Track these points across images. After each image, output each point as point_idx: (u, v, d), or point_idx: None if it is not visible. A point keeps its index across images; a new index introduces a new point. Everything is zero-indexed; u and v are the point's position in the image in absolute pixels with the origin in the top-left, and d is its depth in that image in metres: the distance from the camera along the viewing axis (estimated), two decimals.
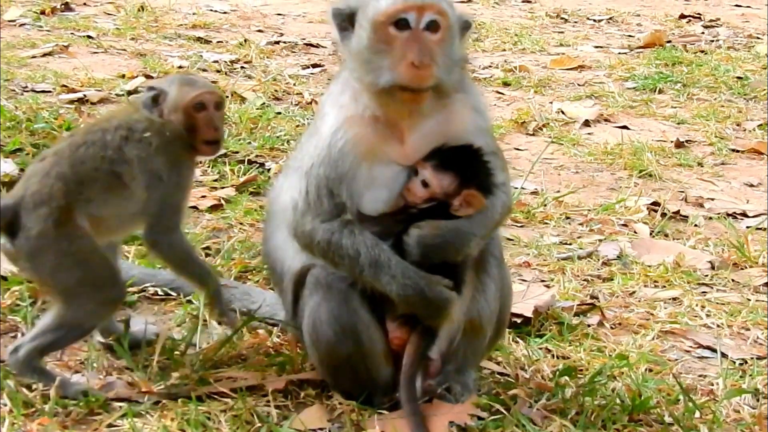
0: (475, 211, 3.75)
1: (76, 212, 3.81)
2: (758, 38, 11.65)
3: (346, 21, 3.77)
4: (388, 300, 3.69)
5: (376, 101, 3.72)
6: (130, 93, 7.36)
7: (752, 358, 4.50)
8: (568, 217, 5.98)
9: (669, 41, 11.07)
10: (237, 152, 6.37)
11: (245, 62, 8.86)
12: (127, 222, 3.94)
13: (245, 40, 9.64)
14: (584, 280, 5.16)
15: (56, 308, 3.78)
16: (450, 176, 3.73)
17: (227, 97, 7.44)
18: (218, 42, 9.64)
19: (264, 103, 7.50)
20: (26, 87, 7.39)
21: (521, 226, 5.76)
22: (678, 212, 6.15)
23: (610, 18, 12.43)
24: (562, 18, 12.33)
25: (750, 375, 4.32)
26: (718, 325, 4.77)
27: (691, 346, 4.60)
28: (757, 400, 4.12)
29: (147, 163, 3.87)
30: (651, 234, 5.83)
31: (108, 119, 4.02)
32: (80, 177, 3.84)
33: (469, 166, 3.75)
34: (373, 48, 3.69)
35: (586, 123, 7.86)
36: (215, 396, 3.72)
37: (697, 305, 4.94)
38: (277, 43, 9.80)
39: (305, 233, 3.76)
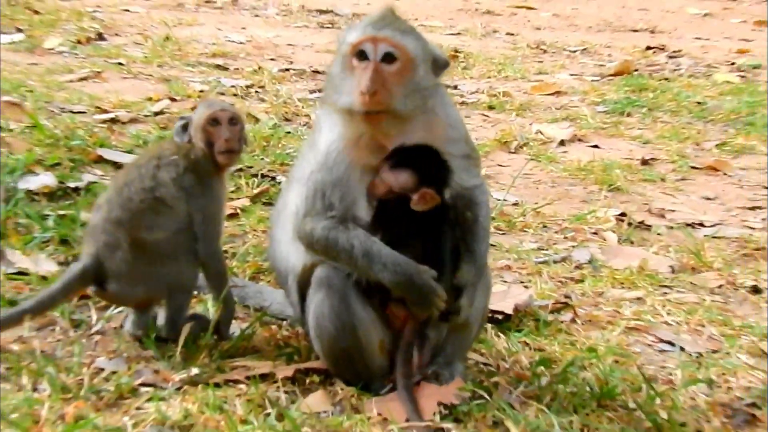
0: (431, 206, 3.75)
1: (144, 239, 3.90)
2: (716, 67, 11.67)
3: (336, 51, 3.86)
4: (388, 290, 3.72)
5: (344, 120, 3.76)
6: (156, 114, 7.39)
7: (707, 352, 4.51)
8: (545, 226, 5.99)
9: (636, 70, 11.10)
10: (251, 167, 6.38)
11: (259, 87, 8.88)
12: (180, 235, 3.97)
13: (259, 68, 9.66)
14: (559, 281, 5.18)
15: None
16: (405, 174, 3.72)
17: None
18: (235, 69, 9.66)
19: (275, 124, 7.52)
20: (64, 108, 7.39)
21: (503, 234, 5.77)
22: (643, 222, 6.17)
23: (584, 49, 12.46)
24: (541, 49, 12.36)
25: (705, 366, 4.33)
26: (677, 323, 4.78)
27: (653, 341, 4.61)
28: (711, 389, 4.12)
29: (180, 181, 3.96)
30: (618, 241, 5.85)
31: (141, 156, 4.12)
32: (133, 213, 3.92)
33: (423, 164, 3.75)
34: (340, 75, 3.76)
35: (562, 142, 7.88)
36: (231, 383, 3.74)
37: (658, 305, 4.95)
38: (288, 70, 9.82)
39: (306, 232, 3.79)
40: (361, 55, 3.70)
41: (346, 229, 3.72)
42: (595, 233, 5.94)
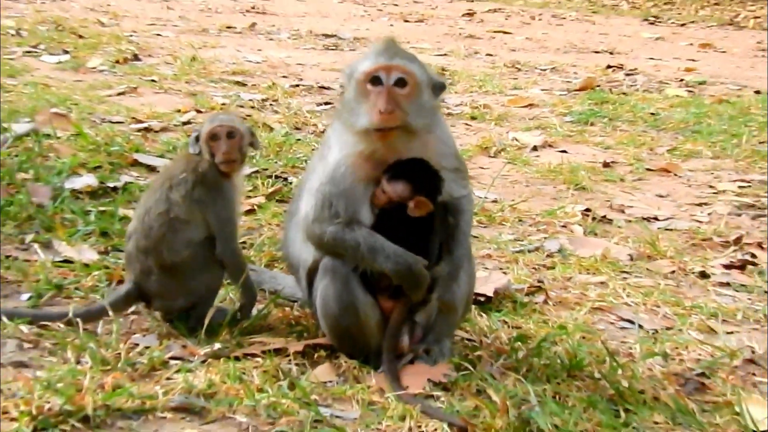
0: (425, 212, 3.75)
1: (172, 261, 3.88)
2: (667, 83, 11.67)
3: (346, 81, 3.84)
4: (380, 282, 3.74)
5: (359, 139, 3.75)
6: (184, 123, 7.36)
7: (662, 329, 4.49)
8: (520, 220, 5.96)
9: (598, 85, 11.07)
10: (266, 169, 6.35)
11: (273, 100, 8.84)
12: (203, 244, 3.94)
13: (273, 84, 9.62)
14: (533, 268, 5.14)
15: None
16: (401, 184, 3.72)
17: (258, 127, 7.45)
18: (252, 85, 9.62)
19: (287, 132, 7.49)
20: (104, 119, 7.36)
21: (484, 227, 5.75)
22: (605, 217, 6.14)
23: (553, 68, 12.43)
24: (516, 67, 12.33)
25: (660, 342, 4.31)
26: (635, 303, 4.75)
27: (614, 319, 4.59)
28: (666, 361, 4.11)
29: (191, 196, 3.89)
30: (584, 233, 5.81)
31: (157, 179, 4.06)
32: (156, 241, 3.88)
33: (417, 175, 3.74)
34: (355, 100, 3.74)
35: (535, 148, 7.84)
36: (249, 356, 3.72)
37: (619, 288, 4.92)
38: (298, 86, 9.78)
39: (315, 236, 3.79)
40: (375, 81, 3.70)
41: (351, 229, 3.72)
42: (564, 226, 5.90)
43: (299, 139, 7.33)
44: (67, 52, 10.27)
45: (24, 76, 8.80)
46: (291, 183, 6.13)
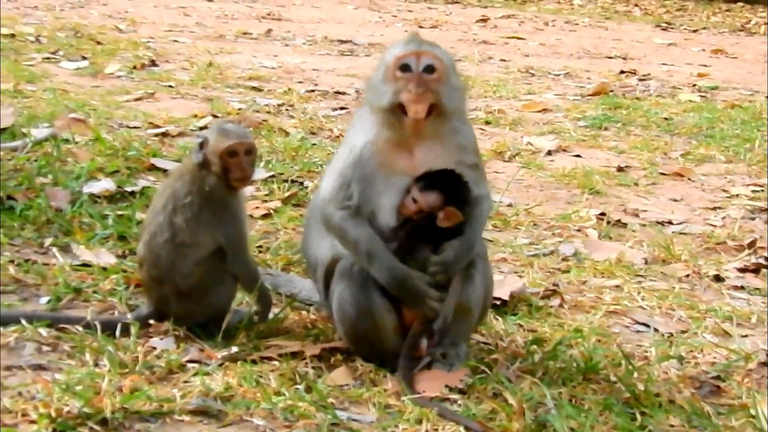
0: (454, 223, 3.73)
1: (186, 284, 3.85)
2: (680, 89, 11.62)
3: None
4: None
5: (384, 120, 3.74)
6: (201, 128, 7.36)
7: (677, 332, 4.46)
8: (535, 224, 5.93)
9: (611, 91, 11.03)
10: (282, 173, 6.34)
11: (288, 105, 8.83)
12: (213, 259, 3.90)
13: (288, 89, 9.62)
14: (548, 272, 5.12)
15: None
16: (434, 194, 3.70)
17: (274, 132, 7.45)
18: (268, 90, 9.62)
19: (303, 137, 7.47)
20: (122, 124, 7.37)
21: (499, 231, 5.72)
22: (619, 220, 6.10)
23: (567, 73, 12.39)
24: (530, 73, 12.30)
25: (675, 345, 4.28)
26: (650, 307, 4.73)
27: (630, 323, 4.56)
28: (681, 364, 4.09)
29: (197, 219, 3.83)
30: (599, 237, 5.79)
31: (158, 198, 3.96)
32: (167, 268, 3.84)
33: (449, 186, 3.72)
34: (382, 83, 3.74)
35: (549, 152, 7.81)
36: (266, 359, 3.70)
37: (634, 291, 4.89)
38: (313, 91, 9.77)
39: (326, 216, 3.79)
40: (405, 68, 3.69)
41: (356, 225, 3.71)
42: (578, 230, 5.87)
43: (315, 144, 7.32)
44: (85, 58, 10.29)
45: (43, 81, 8.83)
46: (306, 187, 6.11)
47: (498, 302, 4.48)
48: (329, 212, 3.78)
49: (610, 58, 14.44)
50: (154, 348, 3.73)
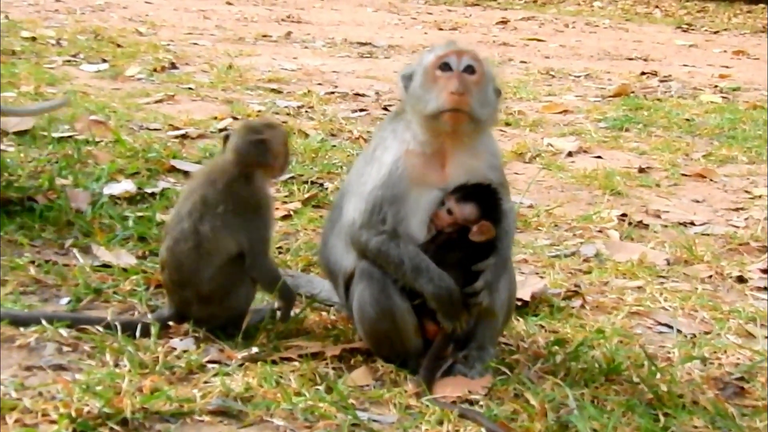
0: (487, 237, 3.72)
1: (209, 289, 3.84)
2: (701, 90, 11.58)
3: (408, 79, 3.81)
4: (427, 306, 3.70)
5: (426, 128, 3.73)
6: (220, 130, 7.35)
7: (700, 333, 4.44)
8: (556, 225, 5.91)
9: (632, 92, 11.00)
10: (302, 175, 6.34)
11: (308, 107, 8.83)
12: (236, 263, 3.88)
13: (308, 91, 9.63)
14: (569, 273, 5.10)
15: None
16: (470, 206, 3.69)
17: (294, 133, 7.45)
18: (288, 92, 9.62)
19: (323, 139, 7.48)
20: (142, 126, 7.39)
21: (520, 232, 5.69)
22: (641, 221, 6.08)
23: (587, 74, 12.37)
24: (550, 75, 12.27)
25: (698, 346, 4.26)
26: (673, 308, 4.71)
27: (652, 324, 4.54)
28: (705, 365, 4.07)
29: (227, 225, 3.82)
30: (620, 238, 5.77)
31: (180, 206, 3.92)
32: (190, 273, 3.83)
33: (485, 199, 3.72)
34: (424, 87, 3.72)
35: (569, 154, 7.79)
36: (286, 360, 3.69)
37: (656, 292, 4.87)
38: (332, 93, 9.77)
39: (361, 243, 3.74)
40: (445, 67, 3.69)
41: (397, 245, 3.67)
42: (599, 231, 5.85)
43: (335, 146, 7.32)
44: (105, 61, 10.32)
45: (64, 84, 8.86)
46: (326, 189, 6.11)
47: (519, 303, 4.44)
48: (364, 239, 3.73)
49: (631, 59, 14.40)
50: (174, 349, 3.73)
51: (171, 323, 3.87)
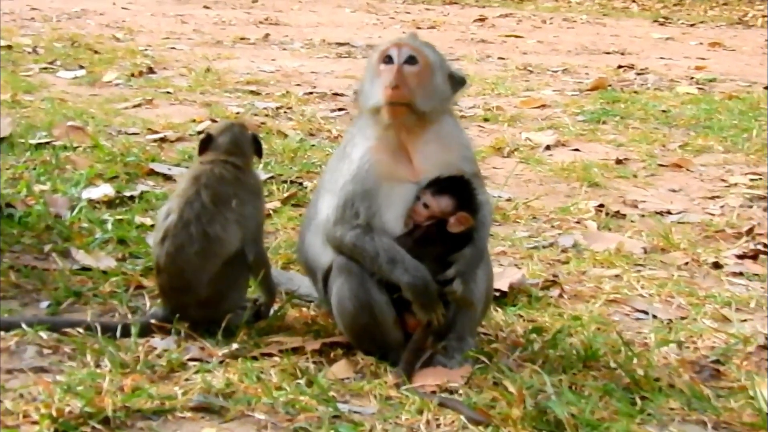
0: (466, 228, 3.76)
1: (210, 292, 3.87)
2: (678, 82, 11.63)
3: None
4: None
5: (375, 122, 3.78)
6: (199, 133, 7.36)
7: (676, 318, 4.48)
8: (534, 217, 5.95)
9: (610, 85, 11.03)
10: (281, 175, 6.36)
11: (287, 108, 8.86)
12: (234, 260, 3.93)
13: (287, 92, 9.66)
14: (547, 263, 5.13)
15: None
16: (446, 199, 3.73)
17: (273, 134, 7.48)
18: (266, 94, 9.64)
19: (301, 138, 7.51)
20: (120, 130, 7.41)
21: (499, 225, 5.73)
22: (618, 212, 6.12)
23: (565, 69, 12.41)
24: (528, 70, 12.30)
25: (675, 331, 4.30)
26: (650, 295, 4.74)
27: (629, 311, 4.58)
28: (681, 349, 4.10)
29: (236, 218, 3.89)
30: (598, 228, 5.80)
31: (182, 211, 3.89)
32: (192, 278, 3.86)
33: (460, 191, 3.76)
34: (370, 82, 3.78)
35: (548, 147, 7.81)
36: (266, 356, 3.72)
37: (633, 280, 4.91)
38: (311, 93, 9.79)
39: (336, 239, 3.77)
40: (388, 60, 3.73)
41: (372, 238, 3.70)
42: (577, 222, 5.89)
43: (314, 145, 7.35)
44: (82, 68, 10.34)
45: (41, 91, 8.87)
46: (306, 188, 6.14)
47: (498, 294, 4.49)
48: (339, 234, 3.76)
49: (608, 53, 14.44)
50: (155, 348, 3.75)
51: (153, 321, 3.89)
